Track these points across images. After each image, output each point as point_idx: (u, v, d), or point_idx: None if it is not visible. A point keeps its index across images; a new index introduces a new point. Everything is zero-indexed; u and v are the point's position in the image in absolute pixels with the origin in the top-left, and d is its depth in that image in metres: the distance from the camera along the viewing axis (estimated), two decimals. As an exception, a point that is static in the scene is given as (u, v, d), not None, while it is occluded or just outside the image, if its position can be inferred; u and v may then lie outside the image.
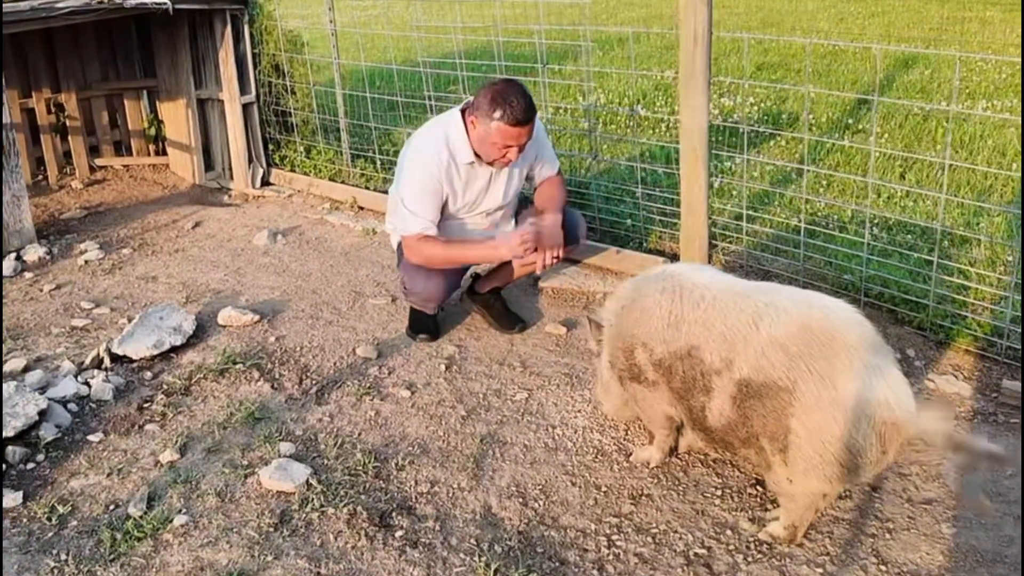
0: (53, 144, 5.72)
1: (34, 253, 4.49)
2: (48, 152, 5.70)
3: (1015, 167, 5.07)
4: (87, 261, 4.47)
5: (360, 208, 5.17)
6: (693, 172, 3.65)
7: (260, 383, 3.27)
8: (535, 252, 3.30)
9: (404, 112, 5.50)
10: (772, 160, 5.21)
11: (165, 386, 3.26)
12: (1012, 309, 3.27)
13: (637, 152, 5.17)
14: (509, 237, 3.16)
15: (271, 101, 5.59)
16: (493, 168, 3.27)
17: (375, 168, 5.32)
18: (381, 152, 5.34)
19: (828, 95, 6.65)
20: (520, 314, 3.73)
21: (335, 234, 4.86)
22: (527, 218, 3.56)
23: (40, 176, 5.76)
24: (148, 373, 3.35)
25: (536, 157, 3.41)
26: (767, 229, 4.28)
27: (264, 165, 5.68)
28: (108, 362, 3.40)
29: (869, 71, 7.73)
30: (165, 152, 6.04)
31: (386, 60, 7.17)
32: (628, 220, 4.41)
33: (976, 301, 3.47)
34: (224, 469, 2.77)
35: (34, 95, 5.60)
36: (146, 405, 3.15)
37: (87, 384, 3.23)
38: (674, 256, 4.02)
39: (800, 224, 3.90)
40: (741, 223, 4.13)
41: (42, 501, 2.62)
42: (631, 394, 2.65)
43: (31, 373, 3.29)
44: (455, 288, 3.57)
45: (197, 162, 5.74)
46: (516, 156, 3.16)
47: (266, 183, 5.69)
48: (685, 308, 2.42)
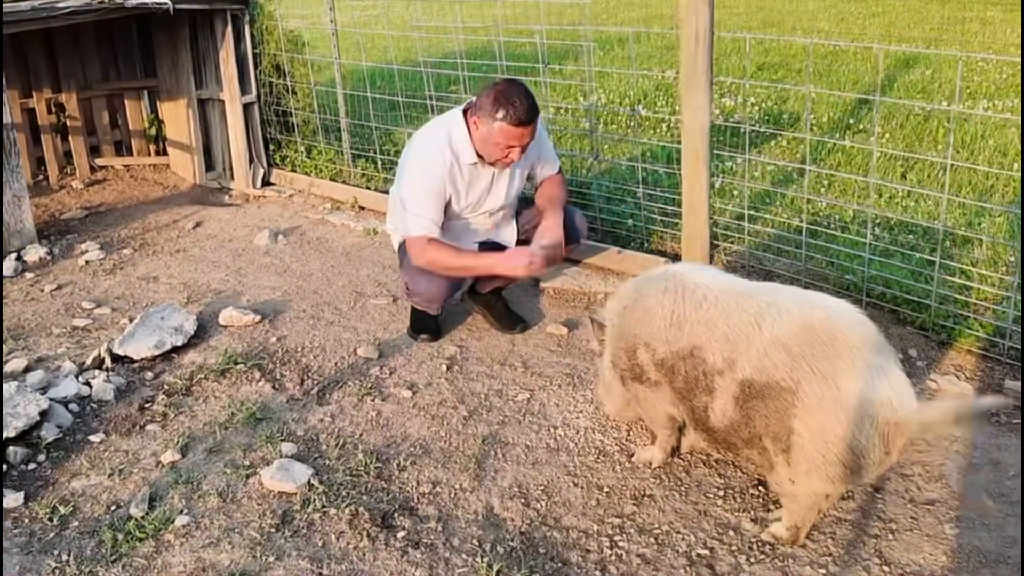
0: (54, 144, 5.72)
1: (35, 253, 4.49)
2: (49, 152, 5.70)
3: (1016, 167, 5.06)
4: (88, 261, 4.47)
5: (361, 208, 5.17)
6: (695, 172, 3.64)
7: (261, 383, 3.27)
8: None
9: (405, 112, 5.49)
10: (773, 160, 5.20)
11: (166, 386, 3.25)
12: (1014, 309, 3.27)
13: (638, 152, 5.17)
14: (517, 255, 3.13)
15: (272, 101, 5.58)
16: (495, 168, 3.26)
17: (376, 168, 5.32)
18: (382, 152, 5.34)
19: (829, 95, 6.65)
20: (521, 314, 3.73)
21: (336, 234, 4.86)
22: (529, 217, 3.57)
23: (41, 176, 5.76)
24: (149, 373, 3.35)
25: (537, 157, 3.41)
26: (768, 229, 4.27)
27: (265, 165, 5.68)
28: (109, 362, 3.39)
29: (870, 71, 7.72)
30: (166, 152, 6.04)
31: (387, 60, 7.17)
32: (629, 220, 4.41)
33: (978, 301, 3.47)
34: (226, 469, 2.76)
35: (35, 95, 5.60)
36: (147, 405, 3.14)
37: (88, 384, 3.23)
38: (675, 256, 4.01)
39: (802, 224, 3.90)
40: (743, 223, 4.12)
41: (43, 501, 2.62)
42: (633, 394, 2.65)
43: (32, 373, 3.29)
44: (458, 289, 3.57)
45: (198, 162, 5.74)
46: (518, 156, 3.16)
47: (267, 183, 5.69)
48: (688, 308, 2.42)
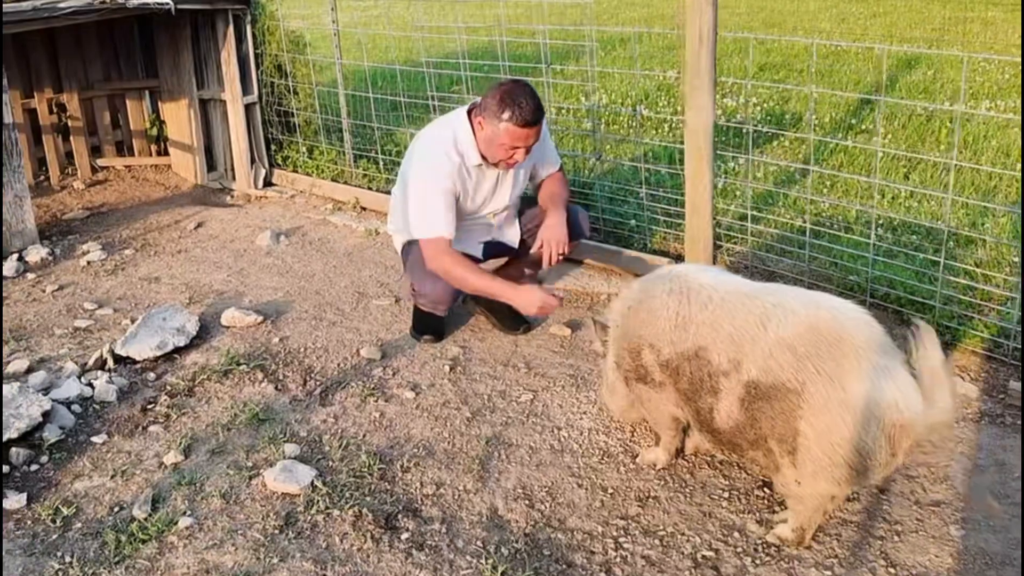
0: (55, 144, 5.71)
1: (36, 254, 4.48)
2: (50, 152, 5.69)
3: (1019, 168, 5.05)
4: (90, 262, 4.46)
5: (363, 209, 5.16)
6: (698, 172, 3.63)
7: (264, 384, 3.26)
8: (540, 248, 3.31)
9: (407, 112, 5.49)
10: (776, 160, 5.19)
11: (169, 387, 3.24)
12: (1018, 310, 3.26)
13: (640, 152, 5.16)
14: (529, 294, 3.08)
15: (273, 101, 5.58)
16: (499, 169, 3.26)
17: (378, 169, 5.31)
18: (384, 153, 5.33)
19: (831, 95, 6.64)
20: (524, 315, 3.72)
21: (338, 235, 4.85)
22: (531, 216, 3.55)
23: (42, 177, 5.75)
24: (151, 374, 3.34)
25: (539, 156, 3.40)
26: (771, 230, 4.26)
27: (266, 166, 5.67)
28: (111, 363, 3.39)
29: (872, 71, 7.71)
30: (167, 152, 6.03)
31: (388, 60, 7.16)
32: (632, 221, 4.40)
33: (982, 302, 3.46)
34: (228, 471, 2.75)
35: (36, 95, 5.59)
36: (150, 406, 3.13)
37: (90, 385, 3.22)
38: (678, 257, 4.01)
39: (805, 225, 3.89)
40: (746, 224, 4.11)
41: (46, 503, 2.61)
42: (637, 395, 2.64)
43: (34, 374, 3.28)
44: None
45: (199, 163, 5.73)
46: (523, 157, 3.15)
47: (268, 184, 5.68)
48: (692, 309, 2.41)
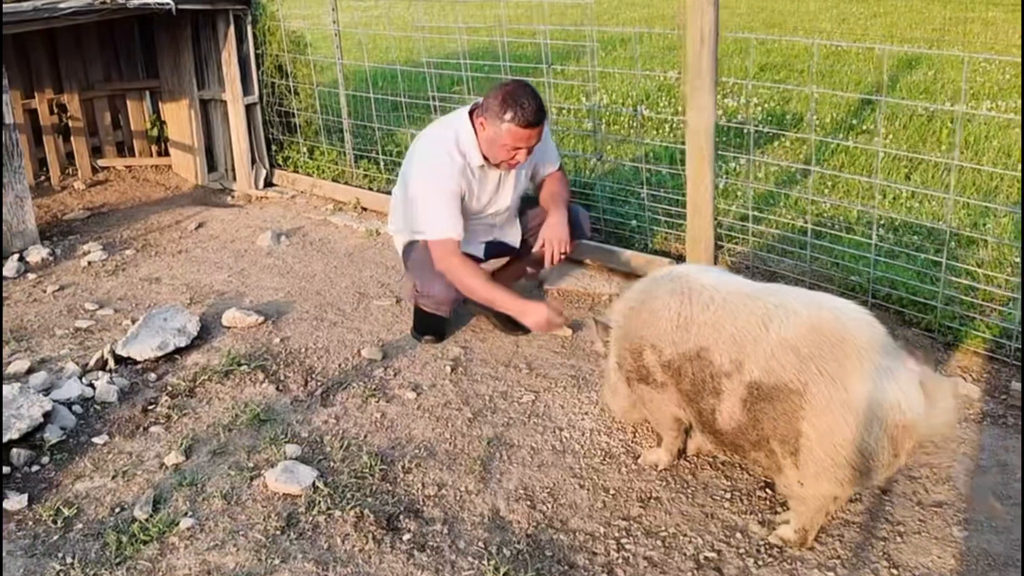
0: (56, 145, 5.71)
1: (37, 254, 4.48)
2: (51, 153, 5.69)
3: (1020, 168, 5.04)
4: (90, 262, 4.46)
5: (364, 209, 5.16)
6: (699, 172, 3.63)
7: (265, 385, 3.26)
8: (542, 247, 3.31)
9: (408, 113, 5.48)
10: (777, 161, 5.19)
11: (170, 388, 3.24)
12: (1020, 311, 3.26)
13: (642, 153, 5.15)
14: (536, 310, 3.03)
15: (274, 102, 5.57)
16: (501, 170, 3.25)
17: (379, 169, 5.30)
18: (384, 153, 5.33)
19: (832, 95, 6.63)
20: None
21: (339, 235, 4.85)
22: (533, 216, 3.54)
23: (43, 177, 5.75)
24: (152, 375, 3.34)
25: (540, 155, 3.40)
26: (773, 230, 4.26)
27: (267, 166, 5.67)
28: (112, 364, 3.38)
29: (873, 72, 7.71)
30: (168, 153, 6.03)
31: (389, 61, 7.16)
32: (633, 221, 4.40)
33: (984, 303, 3.45)
34: (230, 471, 2.75)
35: (37, 96, 5.59)
36: (151, 407, 3.13)
37: (91, 386, 3.22)
38: (679, 257, 4.00)
39: (806, 225, 3.89)
40: (747, 224, 4.11)
41: (47, 504, 2.61)
42: (639, 396, 2.63)
43: (35, 375, 3.28)
44: None
45: (200, 163, 5.73)
46: (525, 158, 3.15)
47: (269, 184, 5.68)
48: (694, 310, 2.40)
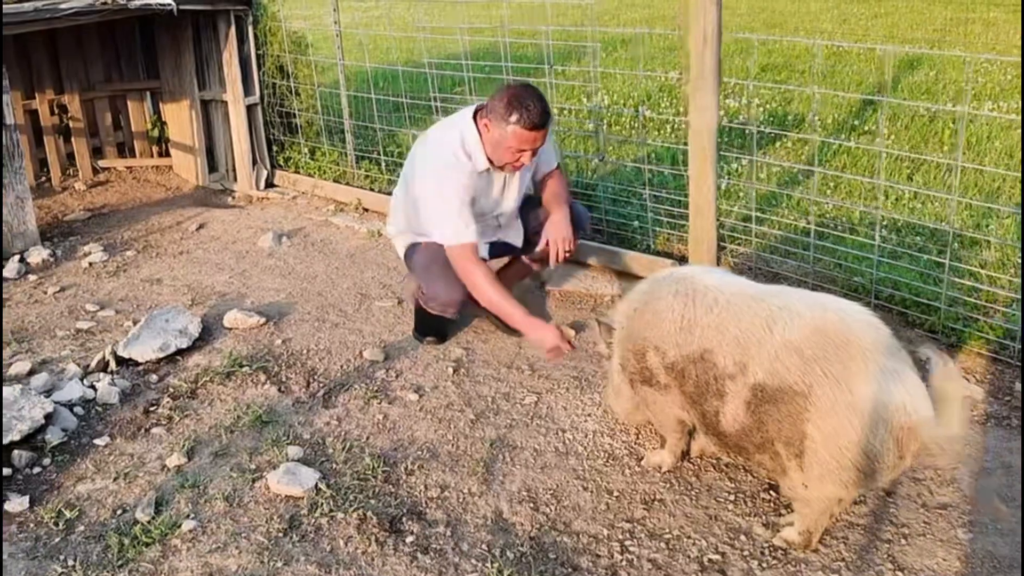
0: (56, 146, 5.70)
1: (38, 255, 4.47)
2: (51, 154, 5.68)
3: (1021, 169, 5.04)
4: (91, 263, 4.45)
5: (365, 210, 5.15)
6: (702, 173, 3.62)
7: (267, 386, 3.25)
8: (546, 246, 3.31)
9: (409, 113, 5.48)
10: (779, 161, 5.18)
11: (171, 389, 3.23)
12: (1021, 312, 3.25)
13: (643, 153, 5.15)
14: (547, 333, 2.95)
15: (275, 102, 5.57)
16: (505, 172, 3.24)
17: (380, 170, 5.30)
18: (386, 154, 5.32)
19: (834, 96, 6.62)
20: None
21: (340, 236, 4.84)
22: (534, 215, 3.52)
23: (43, 178, 5.74)
24: (154, 376, 3.33)
25: (540, 155, 3.39)
26: (775, 231, 4.25)
27: (268, 167, 5.66)
28: (114, 365, 3.37)
29: (874, 72, 7.70)
30: (168, 154, 6.02)
31: (390, 61, 7.15)
32: (635, 222, 4.39)
33: (988, 304, 3.45)
34: (232, 473, 2.74)
35: (37, 96, 5.58)
36: (152, 408, 3.12)
37: (93, 387, 3.21)
38: (682, 258, 3.99)
39: (809, 226, 3.88)
40: (750, 225, 4.10)
41: (49, 506, 2.60)
42: (642, 398, 2.63)
43: (36, 376, 3.27)
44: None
45: (200, 164, 5.72)
46: (529, 160, 3.14)
47: (270, 185, 5.67)
48: (698, 312, 2.40)
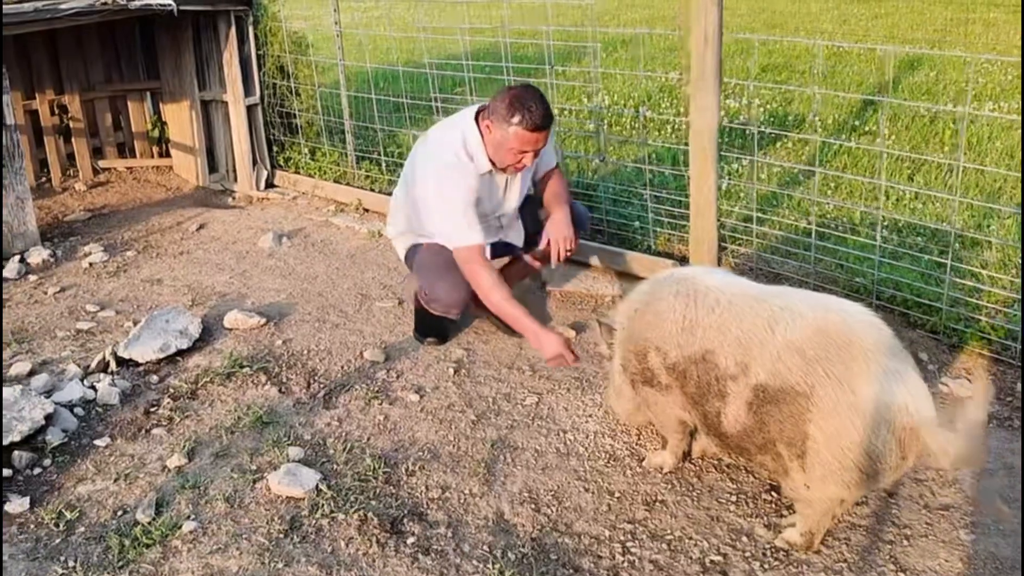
0: (56, 146, 5.69)
1: (38, 256, 4.47)
2: (51, 154, 5.67)
3: (1022, 170, 5.03)
4: (91, 264, 4.44)
5: (365, 210, 5.14)
6: (703, 173, 3.62)
7: (267, 387, 3.25)
8: (547, 245, 3.31)
9: (409, 114, 5.47)
10: (780, 162, 5.18)
11: (172, 390, 3.23)
12: (1021, 313, 3.24)
13: (644, 154, 5.14)
14: (552, 343, 2.91)
15: (275, 103, 5.56)
16: (507, 174, 3.24)
17: (380, 170, 5.29)
18: (386, 154, 5.32)
19: (834, 96, 6.62)
20: None
21: (340, 236, 4.83)
22: (535, 215, 3.51)
23: (43, 178, 5.74)
24: (154, 377, 3.32)
25: (541, 156, 3.38)
26: (776, 231, 4.25)
27: (268, 167, 5.65)
28: (114, 366, 3.37)
29: (875, 72, 7.70)
30: (169, 154, 6.02)
31: (390, 61, 7.15)
32: (636, 222, 4.38)
33: (990, 304, 3.44)
34: (232, 474, 2.74)
35: (37, 97, 5.58)
36: (153, 409, 3.12)
37: (93, 388, 3.20)
38: (683, 258, 3.99)
39: (810, 226, 3.87)
40: (750, 225, 4.10)
41: (49, 507, 2.59)
42: (643, 398, 2.62)
43: (36, 377, 3.27)
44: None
45: (201, 164, 5.71)
46: (531, 162, 3.14)
47: (270, 185, 5.67)
48: (700, 312, 2.39)
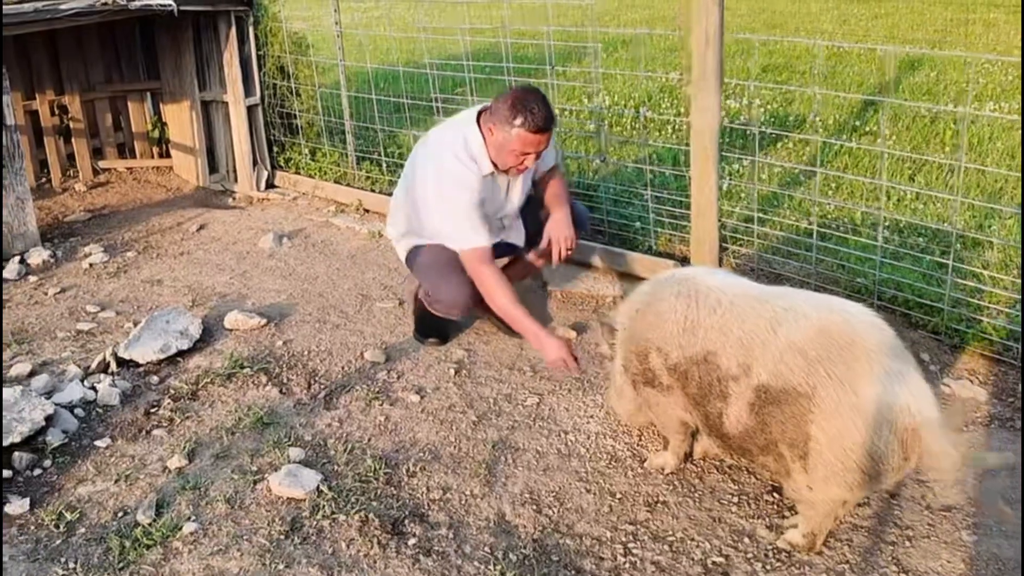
0: (57, 146, 5.69)
1: (38, 256, 4.46)
2: (52, 154, 5.67)
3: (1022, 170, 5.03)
4: (92, 264, 4.44)
5: (366, 211, 5.14)
6: (704, 174, 3.62)
7: (268, 388, 3.24)
8: (548, 245, 3.30)
9: (410, 114, 5.46)
10: (781, 162, 5.17)
11: (172, 391, 3.22)
12: (1021, 314, 3.24)
13: (644, 154, 5.14)
14: (554, 348, 2.90)
15: (276, 103, 5.56)
16: (509, 176, 3.24)
17: (381, 171, 5.29)
18: (387, 155, 5.31)
19: (835, 97, 6.62)
20: None
21: (341, 237, 4.83)
22: (536, 215, 3.50)
23: (43, 179, 5.73)
24: (155, 378, 3.32)
25: (541, 156, 3.38)
26: (777, 232, 4.24)
27: (269, 167, 5.65)
28: (114, 366, 3.36)
29: (875, 73, 7.69)
30: (169, 154, 6.01)
31: (390, 62, 7.15)
32: (637, 223, 4.38)
33: (991, 305, 3.44)
34: (233, 475, 2.73)
35: (38, 97, 5.57)
36: (153, 410, 3.11)
37: (93, 389, 3.20)
38: (684, 259, 3.98)
39: (812, 227, 3.87)
40: (751, 226, 4.09)
41: (49, 508, 2.59)
42: (645, 399, 2.62)
43: (37, 378, 3.26)
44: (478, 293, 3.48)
45: (201, 164, 5.71)
46: (532, 163, 3.14)
47: (271, 186, 5.66)
48: (701, 313, 2.39)
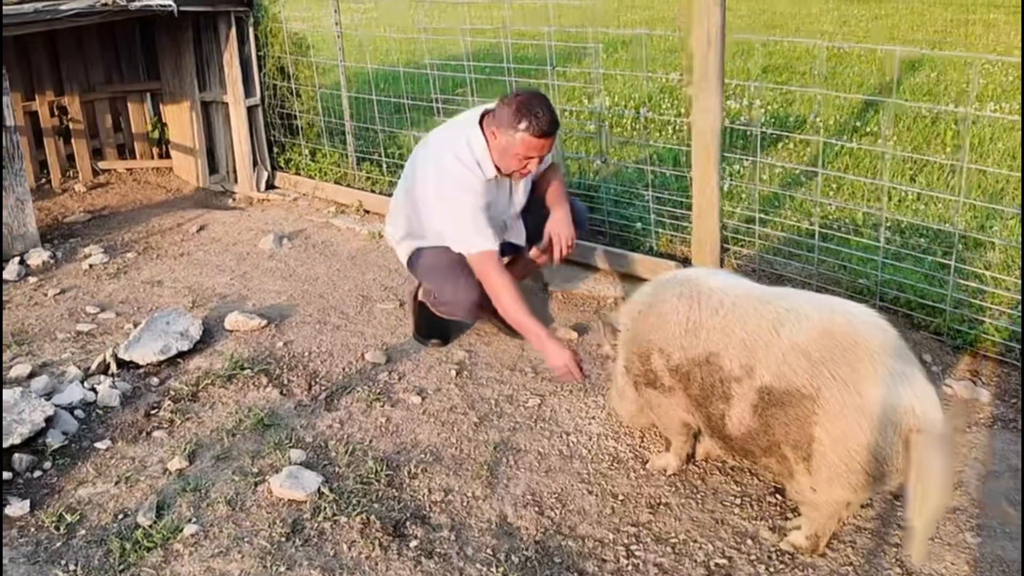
0: (56, 147, 5.68)
1: (38, 257, 4.45)
2: (51, 155, 5.66)
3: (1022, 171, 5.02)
4: (91, 265, 4.43)
5: (366, 212, 5.13)
6: (705, 174, 3.61)
7: (269, 389, 3.23)
8: (549, 244, 3.29)
9: (410, 115, 5.45)
10: (782, 163, 5.17)
11: (172, 392, 3.21)
12: (1021, 315, 3.23)
13: (645, 155, 5.13)
14: (558, 354, 2.88)
15: (276, 104, 5.55)
16: (512, 179, 3.23)
17: (381, 171, 5.28)
18: (387, 155, 5.31)
19: (836, 97, 6.61)
20: None
21: (341, 238, 4.82)
22: (539, 215, 3.49)
23: (43, 179, 5.72)
24: (155, 379, 3.31)
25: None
26: (779, 232, 4.24)
27: (269, 168, 5.64)
28: (114, 368, 3.35)
29: (875, 73, 7.69)
30: (169, 155, 6.00)
31: (391, 62, 7.14)
32: (638, 224, 4.37)
33: (993, 306, 3.43)
34: (234, 477, 2.72)
35: (37, 98, 5.56)
36: (153, 411, 3.10)
37: (93, 390, 3.19)
38: (685, 260, 3.98)
39: (813, 227, 3.86)
40: (753, 226, 4.09)
41: (50, 510, 2.58)
42: (647, 400, 2.61)
43: (37, 379, 3.25)
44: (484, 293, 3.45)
45: (201, 165, 5.70)
46: (535, 167, 3.13)
47: (271, 186, 5.65)
48: (703, 314, 2.38)
